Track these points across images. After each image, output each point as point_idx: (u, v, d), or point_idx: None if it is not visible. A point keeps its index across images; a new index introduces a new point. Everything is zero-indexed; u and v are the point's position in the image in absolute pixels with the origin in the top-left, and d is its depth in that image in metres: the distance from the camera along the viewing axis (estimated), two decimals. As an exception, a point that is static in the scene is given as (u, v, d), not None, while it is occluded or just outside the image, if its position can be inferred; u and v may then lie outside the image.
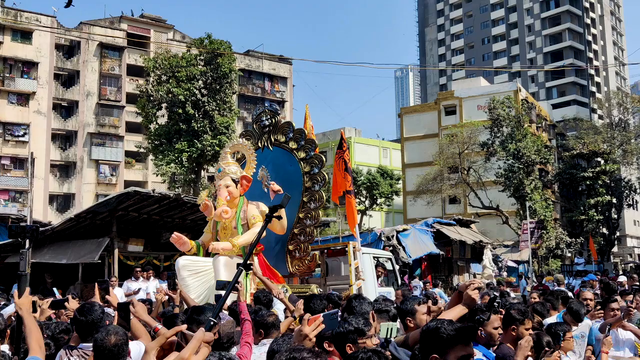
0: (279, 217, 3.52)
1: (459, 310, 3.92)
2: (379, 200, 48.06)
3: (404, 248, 23.68)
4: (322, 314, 2.68)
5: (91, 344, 3.81)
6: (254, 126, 10.53)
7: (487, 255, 28.54)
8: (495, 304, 3.92)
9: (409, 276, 21.18)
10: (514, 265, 33.87)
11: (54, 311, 5.81)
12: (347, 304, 4.21)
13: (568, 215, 51.49)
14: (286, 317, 5.68)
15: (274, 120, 10.19)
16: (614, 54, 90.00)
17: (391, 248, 22.17)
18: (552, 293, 7.70)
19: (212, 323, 2.78)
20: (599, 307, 6.87)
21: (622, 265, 54.03)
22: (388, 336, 3.52)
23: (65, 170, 49.39)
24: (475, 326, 3.35)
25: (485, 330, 4.27)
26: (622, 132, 51.13)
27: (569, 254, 46.70)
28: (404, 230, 25.18)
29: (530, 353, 4.23)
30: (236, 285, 6.22)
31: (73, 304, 5.17)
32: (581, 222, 48.69)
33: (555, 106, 72.42)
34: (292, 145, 9.92)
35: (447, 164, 45.90)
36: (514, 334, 4.47)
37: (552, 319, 6.60)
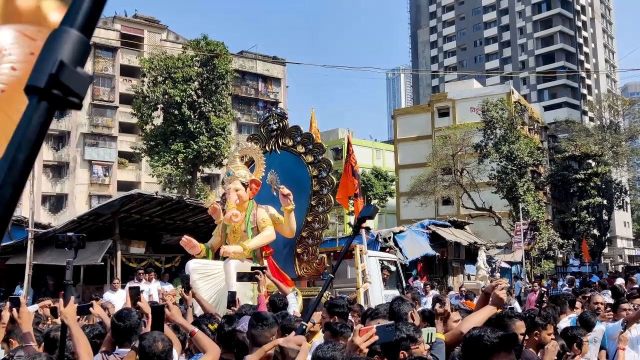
0: (367, 229, 3.56)
1: (488, 311, 4.02)
2: (373, 202, 48.20)
3: (400, 249, 23.80)
4: (375, 325, 2.71)
5: (127, 350, 3.87)
6: (262, 130, 10.62)
7: (482, 257, 28.72)
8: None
9: (413, 278, 21.33)
10: (507, 266, 34.09)
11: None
12: (389, 308, 4.29)
13: (560, 217, 51.85)
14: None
15: (281, 124, 10.28)
16: (604, 57, 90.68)
17: (388, 249, 22.29)
18: (560, 297, 7.81)
19: (304, 327, 2.82)
20: (609, 309, 6.99)
21: (613, 267, 54.47)
22: (429, 341, 3.61)
23: (58, 170, 49.17)
24: (517, 335, 3.44)
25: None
26: (613, 134, 51.55)
27: (561, 255, 47.01)
28: (401, 231, 25.32)
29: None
30: (256, 276, 6.32)
31: (97, 309, 5.22)
32: (573, 224, 49.04)
33: (546, 108, 72.87)
34: (300, 149, 10.01)
35: (441, 165, 46.07)
36: (537, 339, 4.57)
37: (564, 322, 6.71)
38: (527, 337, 4.55)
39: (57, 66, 0.62)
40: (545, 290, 5.99)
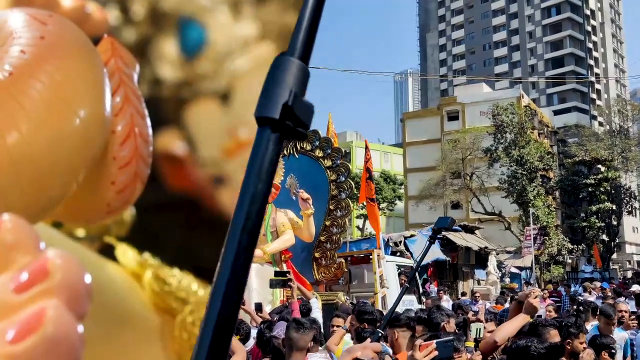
0: (443, 238, 3.53)
1: (522, 319, 4.01)
2: (381, 205, 48.18)
3: (411, 254, 23.77)
4: (435, 341, 2.71)
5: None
6: (279, 134, 10.63)
7: (492, 262, 28.66)
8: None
9: (429, 283, 21.35)
10: (517, 271, 33.98)
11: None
12: (427, 316, 4.29)
13: (569, 222, 51.66)
14: (333, 326, 5.73)
15: (299, 128, 10.29)
16: (614, 62, 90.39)
17: (398, 254, 22.29)
18: (582, 304, 7.78)
19: (380, 335, 2.80)
20: (633, 317, 6.96)
21: (622, 272, 54.24)
22: (478, 336, 3.62)
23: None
24: (564, 345, 3.44)
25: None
26: (623, 139, 51.37)
27: (570, 261, 46.83)
28: (412, 236, 25.32)
29: None
30: (289, 283, 6.33)
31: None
32: (582, 229, 48.85)
33: (555, 113, 72.69)
34: (318, 153, 10.03)
35: (450, 169, 46.05)
36: (569, 348, 4.55)
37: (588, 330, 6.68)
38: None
39: (292, 97, 0.62)
40: (581, 299, 5.97)
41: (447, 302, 11.86)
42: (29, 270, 0.49)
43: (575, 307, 11.39)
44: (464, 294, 19.86)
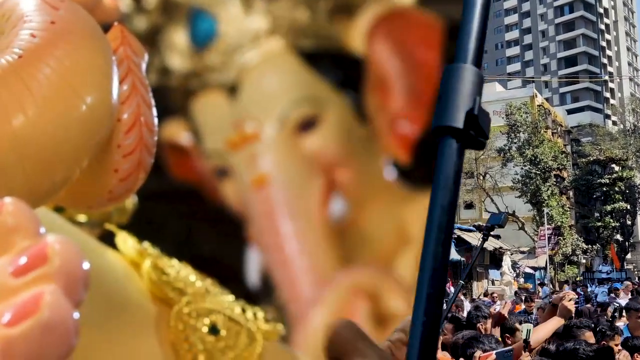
0: (498, 237, 3.52)
1: (556, 322, 4.00)
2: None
3: (426, 254, 23.74)
4: (494, 352, 2.71)
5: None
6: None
7: (507, 262, 28.55)
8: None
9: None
10: (531, 271, 33.83)
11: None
12: (467, 317, 4.30)
13: (583, 222, 51.33)
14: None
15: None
16: (627, 60, 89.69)
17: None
18: (616, 309, 7.73)
19: None
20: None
21: (637, 272, 53.81)
22: (527, 337, 3.63)
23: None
24: (612, 348, 3.43)
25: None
26: (637, 138, 50.99)
27: (584, 260, 46.53)
28: (426, 236, 25.26)
29: None
30: None
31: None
32: (597, 229, 48.53)
33: (569, 112, 72.26)
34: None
35: (463, 169, 45.82)
36: (604, 350, 4.54)
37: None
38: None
39: (477, 106, 0.60)
40: (618, 305, 5.91)
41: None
42: (28, 254, 0.49)
43: (589, 306, 11.35)
44: (486, 294, 19.65)
